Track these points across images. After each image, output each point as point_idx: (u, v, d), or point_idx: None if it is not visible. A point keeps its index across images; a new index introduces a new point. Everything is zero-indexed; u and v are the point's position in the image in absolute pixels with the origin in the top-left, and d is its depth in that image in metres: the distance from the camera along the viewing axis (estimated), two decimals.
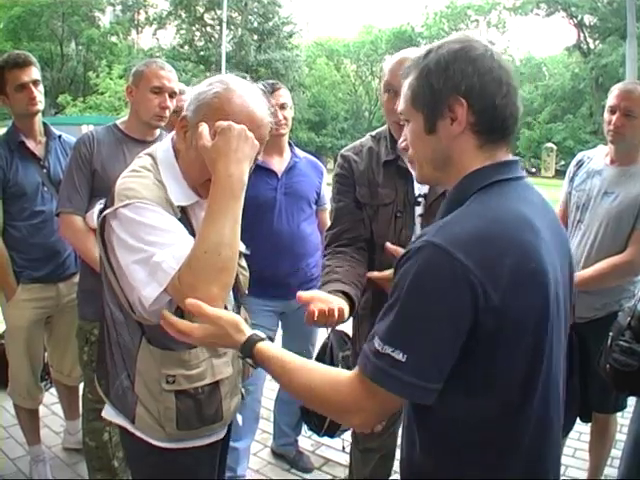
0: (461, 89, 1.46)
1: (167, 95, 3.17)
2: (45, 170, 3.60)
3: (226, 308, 1.89)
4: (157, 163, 1.97)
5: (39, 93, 3.50)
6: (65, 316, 3.74)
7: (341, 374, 1.50)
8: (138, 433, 2.03)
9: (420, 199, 2.61)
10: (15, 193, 3.47)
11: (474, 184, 1.48)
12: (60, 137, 3.75)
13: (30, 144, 3.57)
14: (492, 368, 1.37)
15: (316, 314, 2.08)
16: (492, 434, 1.42)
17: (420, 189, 2.62)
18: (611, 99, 3.28)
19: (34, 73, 3.49)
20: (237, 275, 2.11)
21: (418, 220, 2.61)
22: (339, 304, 2.20)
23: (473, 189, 1.47)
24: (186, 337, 1.67)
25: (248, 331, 1.65)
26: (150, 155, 2.01)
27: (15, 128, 3.57)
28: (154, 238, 1.76)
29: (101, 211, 1.93)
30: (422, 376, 1.33)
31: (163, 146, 2.03)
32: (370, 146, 2.80)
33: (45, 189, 3.57)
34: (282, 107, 3.60)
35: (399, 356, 1.31)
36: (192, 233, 1.88)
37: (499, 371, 1.38)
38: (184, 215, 1.92)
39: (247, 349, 1.61)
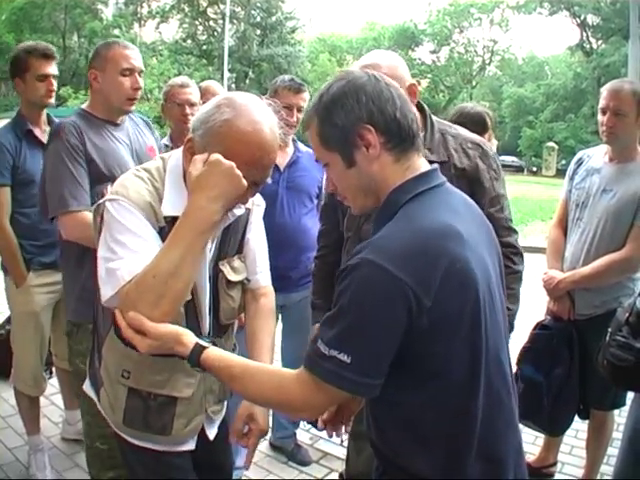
0: (363, 117, 1.58)
1: (137, 74, 3.03)
2: None
3: (199, 327, 2.01)
4: (165, 169, 1.98)
5: (54, 87, 3.56)
6: None
7: (287, 374, 1.62)
8: (102, 412, 2.15)
9: None
10: (23, 180, 3.50)
11: (399, 199, 1.60)
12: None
13: (37, 132, 3.59)
14: (434, 361, 1.52)
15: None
16: (444, 422, 1.56)
17: None
18: (601, 100, 3.31)
19: (55, 68, 3.54)
20: (220, 302, 2.12)
21: None
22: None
23: (399, 204, 1.59)
24: (135, 345, 1.72)
25: (191, 342, 1.71)
26: (162, 159, 2.03)
27: (22, 117, 3.59)
28: (124, 239, 1.79)
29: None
30: (365, 374, 1.47)
31: (174, 158, 2.01)
32: None
33: None
34: (299, 110, 3.62)
35: (344, 358, 1.45)
36: None
37: (441, 362, 1.52)
38: (171, 227, 1.84)
39: (193, 360, 1.70)
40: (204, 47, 45.31)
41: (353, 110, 1.57)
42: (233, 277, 2.14)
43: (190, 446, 2.18)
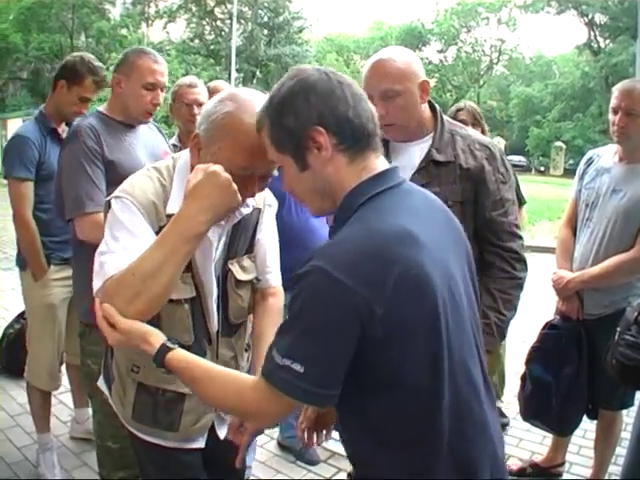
0: (313, 118, 1.53)
1: (159, 90, 3.07)
2: None
3: (206, 326, 2.06)
4: (174, 170, 2.01)
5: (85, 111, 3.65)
6: None
7: (245, 381, 1.59)
8: (114, 406, 2.18)
9: None
10: (45, 176, 3.56)
11: (354, 201, 1.56)
12: None
13: (59, 130, 3.68)
14: (391, 368, 1.47)
15: None
16: (408, 428, 1.52)
17: None
18: (613, 100, 3.29)
19: (94, 94, 3.68)
20: (229, 301, 2.14)
21: None
22: None
23: (354, 206, 1.55)
24: (105, 335, 1.73)
25: (158, 342, 1.69)
26: (173, 158, 2.06)
27: (45, 116, 3.66)
28: (119, 236, 1.83)
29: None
30: (319, 384, 1.43)
31: (184, 157, 2.04)
32: None
33: None
34: None
35: (297, 367, 1.41)
36: None
37: (399, 370, 1.47)
38: None
39: (158, 360, 1.68)
40: (212, 47, 45.31)
41: (303, 111, 1.54)
42: (242, 276, 2.15)
43: (200, 444, 2.19)
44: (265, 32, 45.20)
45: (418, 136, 2.63)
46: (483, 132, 4.27)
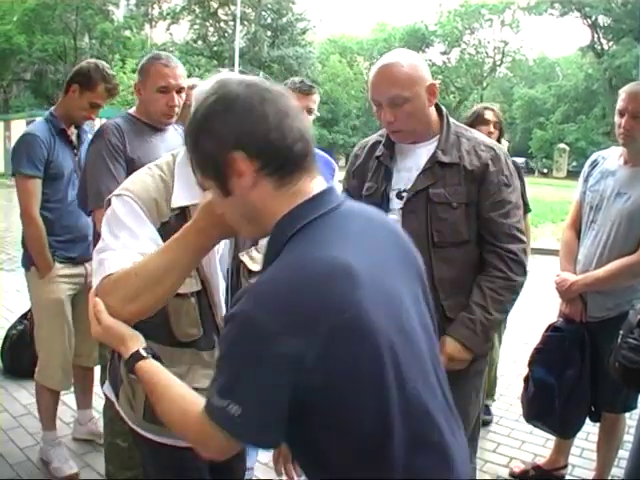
0: (230, 143, 1.40)
1: (174, 92, 3.17)
2: (77, 158, 3.76)
3: (214, 319, 2.03)
4: (174, 163, 2.02)
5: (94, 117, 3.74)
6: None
7: (196, 410, 1.44)
8: (121, 412, 2.15)
9: (404, 194, 2.63)
10: (54, 175, 3.62)
11: (284, 233, 1.42)
12: (87, 132, 3.89)
13: (68, 132, 3.72)
14: (333, 414, 1.37)
15: None
16: (359, 467, 1.41)
17: (401, 184, 2.66)
18: (619, 102, 3.28)
19: (104, 102, 3.69)
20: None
21: (399, 213, 2.63)
22: None
23: (285, 237, 1.41)
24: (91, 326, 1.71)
25: (133, 348, 1.65)
26: (172, 154, 2.08)
27: (55, 117, 3.70)
28: (120, 234, 1.83)
29: None
30: (258, 427, 1.35)
31: (184, 150, 2.04)
32: (376, 141, 2.85)
33: (75, 175, 3.71)
34: (309, 111, 3.62)
35: (234, 409, 1.32)
36: None
37: (342, 415, 1.37)
38: (182, 215, 1.92)
39: (129, 366, 1.65)
40: (215, 48, 45.40)
41: (220, 135, 1.41)
42: (254, 267, 2.16)
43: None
44: (268, 33, 45.30)
45: (425, 138, 2.63)
46: (500, 137, 4.32)
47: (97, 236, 3.05)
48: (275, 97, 1.44)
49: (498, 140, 4.25)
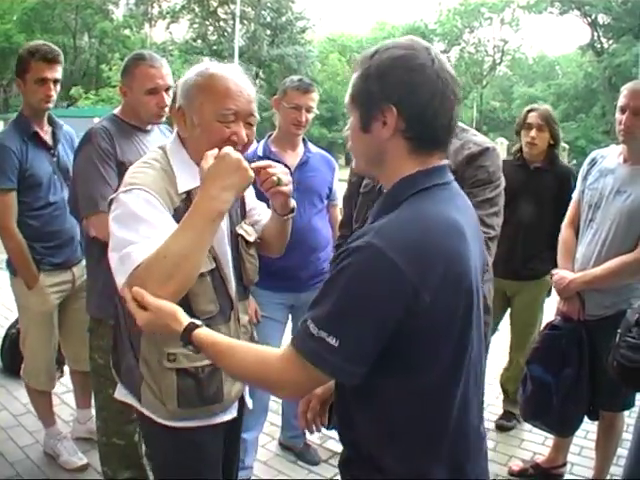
0: (394, 97, 1.52)
1: (163, 92, 3.12)
2: (55, 159, 3.66)
3: (228, 293, 2.11)
4: (167, 153, 2.09)
5: (55, 92, 3.54)
6: (79, 300, 3.80)
7: (272, 351, 1.61)
8: (145, 411, 2.14)
9: None
10: (32, 183, 3.51)
11: (406, 190, 1.56)
12: (62, 126, 3.81)
13: (41, 134, 3.61)
14: (420, 356, 1.49)
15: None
16: (417, 420, 1.54)
17: None
18: (621, 99, 3.28)
19: (58, 72, 3.52)
20: (244, 263, 2.25)
21: None
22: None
23: (405, 195, 1.55)
24: (135, 317, 1.75)
25: (186, 320, 1.72)
26: (161, 148, 2.14)
27: (25, 118, 3.59)
28: (138, 227, 1.85)
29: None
30: (351, 361, 1.44)
31: (171, 139, 2.16)
32: None
33: (56, 177, 3.63)
34: (308, 110, 3.63)
35: (332, 341, 1.41)
36: None
37: (426, 359, 1.50)
38: (188, 200, 2.00)
39: (185, 337, 1.70)
40: (214, 47, 45.30)
41: (388, 87, 1.52)
42: (250, 237, 2.29)
43: (233, 413, 2.27)
44: (268, 32, 45.24)
45: None
46: (553, 138, 4.19)
47: (89, 242, 3.09)
48: (449, 82, 1.55)
49: (553, 146, 4.21)
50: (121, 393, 2.26)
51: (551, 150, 4.22)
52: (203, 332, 1.70)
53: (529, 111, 4.27)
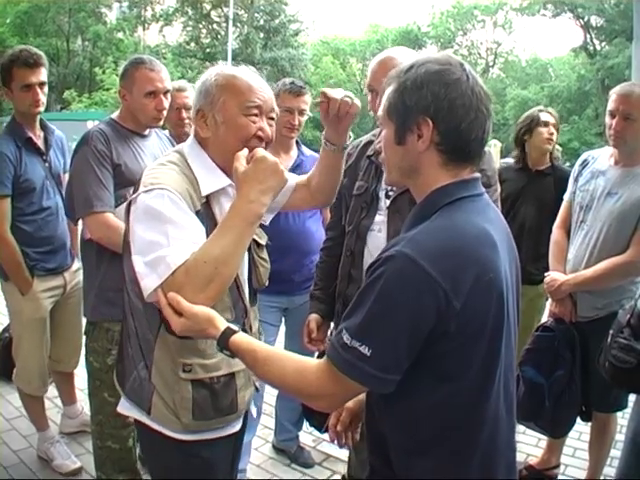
0: (430, 110, 1.56)
1: (162, 95, 3.15)
2: (47, 164, 3.68)
3: (242, 300, 2.10)
4: (185, 157, 2.06)
5: (43, 95, 3.55)
6: (69, 305, 3.83)
7: (309, 362, 1.64)
8: (154, 425, 2.07)
9: (391, 192, 2.71)
10: (26, 189, 3.53)
11: (439, 200, 1.61)
12: (54, 131, 3.82)
13: (34, 139, 3.62)
14: (452, 363, 1.53)
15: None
16: (449, 429, 1.57)
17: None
18: (610, 103, 3.29)
19: (42, 74, 3.53)
20: (257, 267, 2.25)
21: (385, 212, 2.72)
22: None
23: (438, 205, 1.60)
24: (170, 323, 1.74)
25: (222, 325, 1.74)
26: (178, 152, 2.11)
27: (18, 124, 3.60)
28: (166, 229, 1.81)
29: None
30: (383, 369, 1.47)
31: (188, 142, 2.14)
32: (368, 141, 2.95)
33: (48, 182, 3.65)
34: (301, 113, 3.64)
35: (365, 350, 1.46)
36: (213, 221, 1.98)
37: (459, 366, 1.53)
38: (207, 204, 2.00)
39: (222, 342, 1.72)
40: (208, 50, 45.20)
41: (425, 99, 1.56)
42: (262, 240, 2.29)
43: (241, 423, 2.26)
44: (261, 35, 45.13)
45: None
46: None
47: (86, 244, 3.12)
48: (483, 97, 1.61)
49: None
50: (125, 407, 2.19)
51: (551, 152, 4.23)
52: (240, 338, 1.72)
53: (540, 110, 4.27)
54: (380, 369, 1.47)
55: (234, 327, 1.74)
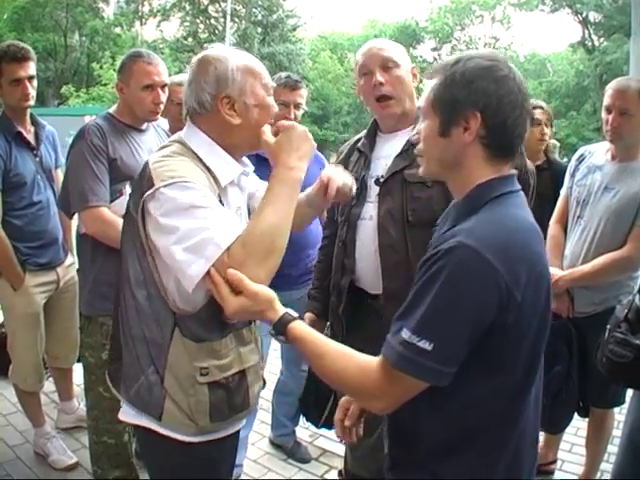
0: (479, 105, 1.58)
1: (159, 89, 3.15)
2: (38, 159, 3.68)
3: None
4: (190, 148, 2.00)
5: (32, 89, 3.54)
6: (63, 300, 3.83)
7: (371, 361, 1.59)
8: (163, 430, 1.98)
9: (381, 179, 2.71)
10: (16, 183, 3.52)
11: (485, 194, 1.61)
12: (45, 126, 3.82)
13: (24, 133, 3.62)
14: (509, 354, 1.53)
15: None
16: (496, 419, 1.58)
17: (379, 171, 2.75)
18: (606, 99, 3.28)
19: (31, 68, 3.52)
20: None
21: (375, 199, 2.72)
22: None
23: (485, 199, 1.60)
24: (223, 304, 1.71)
25: (281, 309, 1.72)
26: (178, 142, 2.04)
27: (7, 119, 3.59)
28: (202, 213, 1.77)
29: (131, 195, 1.99)
30: (444, 362, 1.46)
31: (187, 133, 2.06)
32: (359, 137, 2.98)
33: (39, 177, 3.65)
34: (297, 107, 3.63)
35: (425, 345, 1.44)
36: None
37: (507, 359, 1.54)
38: (219, 195, 1.97)
39: (280, 327, 1.69)
40: (205, 45, 45.02)
41: (475, 94, 1.58)
42: None
43: (245, 420, 2.27)
44: (259, 30, 45.13)
45: (405, 125, 2.73)
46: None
47: (81, 238, 3.12)
48: (526, 96, 1.64)
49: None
50: (129, 414, 2.06)
51: (547, 148, 4.23)
52: (301, 326, 1.70)
53: (534, 107, 4.24)
54: (441, 362, 1.45)
55: (293, 313, 1.72)
